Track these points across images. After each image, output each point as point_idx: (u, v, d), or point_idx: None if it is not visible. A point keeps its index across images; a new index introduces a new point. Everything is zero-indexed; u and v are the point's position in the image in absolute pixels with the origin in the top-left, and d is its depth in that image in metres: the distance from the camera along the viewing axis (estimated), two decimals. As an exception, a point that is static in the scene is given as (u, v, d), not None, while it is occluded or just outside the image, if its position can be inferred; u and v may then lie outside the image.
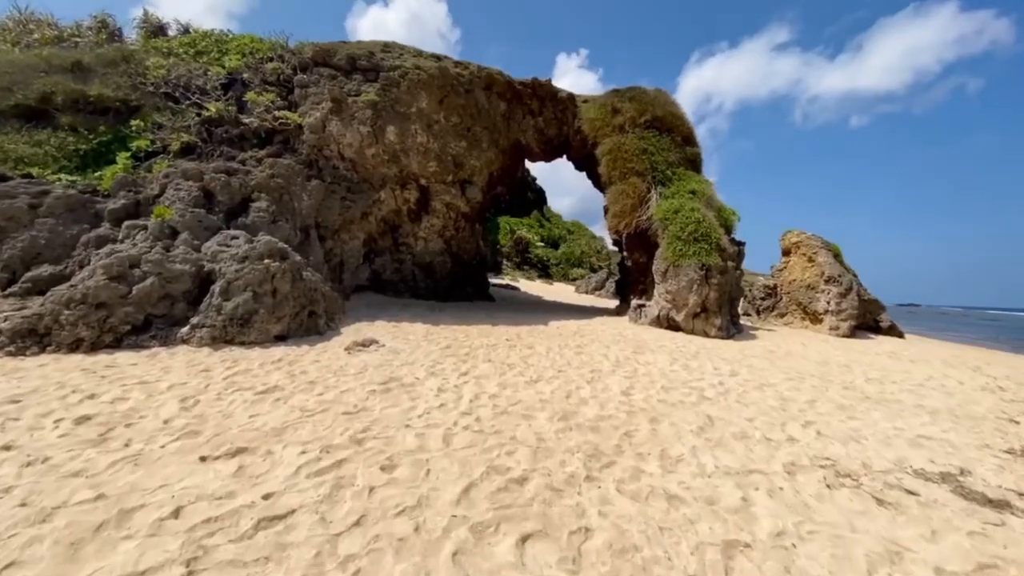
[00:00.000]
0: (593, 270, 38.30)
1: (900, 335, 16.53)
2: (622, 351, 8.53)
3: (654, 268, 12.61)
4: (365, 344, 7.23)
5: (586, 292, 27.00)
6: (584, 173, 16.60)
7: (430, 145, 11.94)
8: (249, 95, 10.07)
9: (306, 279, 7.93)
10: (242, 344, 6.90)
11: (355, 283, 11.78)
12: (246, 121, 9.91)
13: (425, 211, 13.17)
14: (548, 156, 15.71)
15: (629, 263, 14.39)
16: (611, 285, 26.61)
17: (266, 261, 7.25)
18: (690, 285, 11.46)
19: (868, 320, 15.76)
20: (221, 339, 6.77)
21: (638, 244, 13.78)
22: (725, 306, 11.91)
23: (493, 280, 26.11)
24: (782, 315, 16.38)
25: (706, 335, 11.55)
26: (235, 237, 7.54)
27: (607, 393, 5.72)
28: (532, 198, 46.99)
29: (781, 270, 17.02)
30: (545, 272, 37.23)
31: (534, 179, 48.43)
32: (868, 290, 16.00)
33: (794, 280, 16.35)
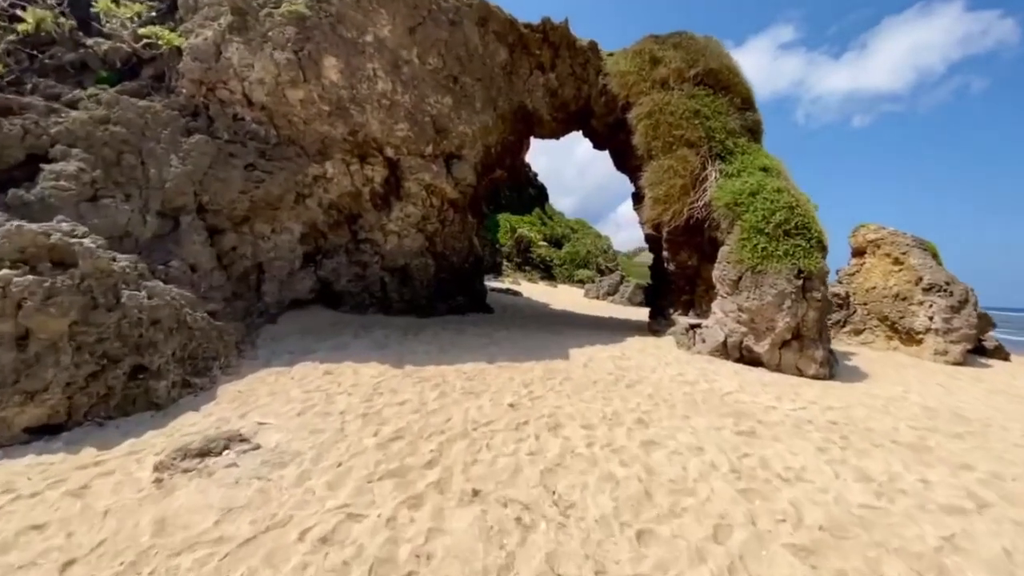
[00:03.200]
0: (600, 271, 34.37)
1: (1006, 357, 12.65)
2: (718, 430, 4.60)
3: (716, 275, 8.67)
4: (209, 449, 3.28)
5: (597, 297, 23.10)
6: (607, 152, 12.63)
7: (397, 97, 7.98)
8: (100, 2, 6.09)
9: (130, 305, 3.97)
10: (-82, 460, 2.97)
11: (289, 297, 7.83)
12: (90, 43, 5.93)
13: (396, 195, 9.21)
14: (561, 128, 11.73)
15: (671, 266, 10.44)
16: (625, 290, 22.68)
17: (3, 273, 3.30)
18: (779, 301, 7.52)
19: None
20: None
21: (686, 241, 9.83)
22: (825, 331, 7.98)
23: (492, 283, 22.21)
24: (858, 331, 12.45)
25: (800, 373, 7.62)
26: (-40, 223, 3.57)
27: None
28: (534, 194, 43.15)
29: (853, 275, 13.07)
30: (548, 273, 33.29)
31: (535, 175, 44.62)
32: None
33: (873, 288, 12.42)
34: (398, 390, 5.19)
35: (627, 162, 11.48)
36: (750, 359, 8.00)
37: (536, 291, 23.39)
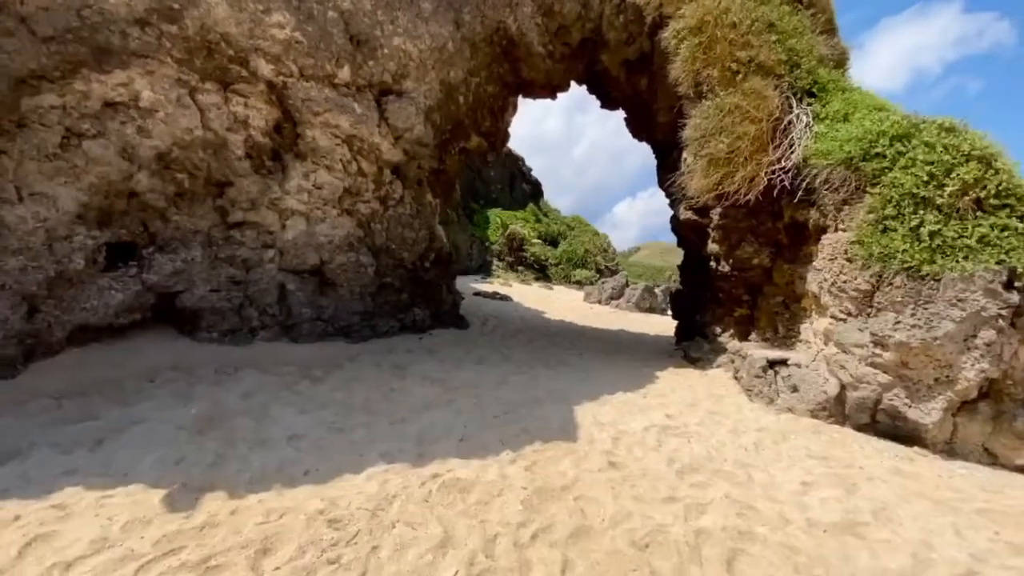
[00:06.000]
0: (599, 271, 30.82)
1: None
2: None
3: (819, 280, 5.08)
4: None
5: (599, 302, 19.49)
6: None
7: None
8: None
9: None
10: None
11: (69, 323, 4.18)
12: None
13: (294, 151, 5.55)
14: (560, 69, 8.06)
15: (725, 266, 6.84)
16: (632, 294, 19.12)
17: None
18: (967, 329, 3.92)
19: None
20: None
21: (752, 227, 6.25)
22: (1035, 381, 4.38)
23: (479, 286, 18.67)
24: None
25: (995, 461, 4.05)
26: None
27: None
28: (528, 190, 39.51)
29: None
30: (543, 274, 29.71)
31: (530, 169, 40.98)
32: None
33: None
34: None
35: (652, 119, 7.87)
36: (893, 430, 4.40)
37: (529, 295, 19.74)
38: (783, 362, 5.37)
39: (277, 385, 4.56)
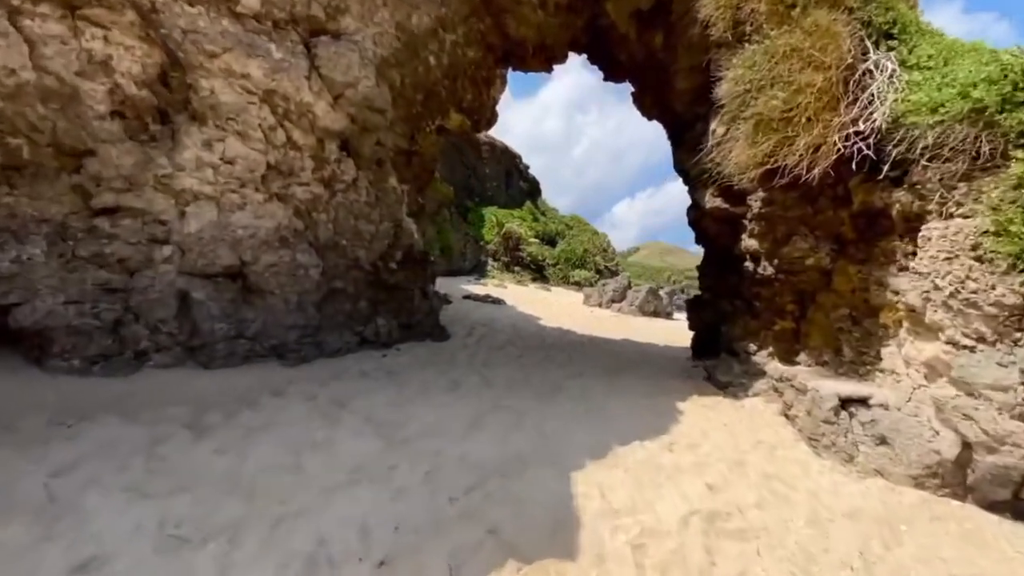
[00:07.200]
0: (599, 272, 29.30)
1: None
2: None
3: (922, 292, 3.53)
4: None
5: (599, 305, 17.93)
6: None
7: None
8: None
9: None
10: None
11: None
12: None
13: (188, 111, 4.00)
14: (555, 26, 6.50)
15: (768, 269, 5.30)
16: (635, 296, 17.58)
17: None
18: None
19: None
20: None
21: (805, 216, 4.71)
22: None
23: (471, 287, 17.15)
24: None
25: None
26: None
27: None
28: (525, 188, 37.97)
29: None
30: (540, 274, 28.17)
31: (527, 167, 39.47)
32: None
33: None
34: None
35: (668, 85, 6.32)
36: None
37: (525, 297, 18.19)
38: (863, 401, 3.83)
39: (127, 447, 3.01)
